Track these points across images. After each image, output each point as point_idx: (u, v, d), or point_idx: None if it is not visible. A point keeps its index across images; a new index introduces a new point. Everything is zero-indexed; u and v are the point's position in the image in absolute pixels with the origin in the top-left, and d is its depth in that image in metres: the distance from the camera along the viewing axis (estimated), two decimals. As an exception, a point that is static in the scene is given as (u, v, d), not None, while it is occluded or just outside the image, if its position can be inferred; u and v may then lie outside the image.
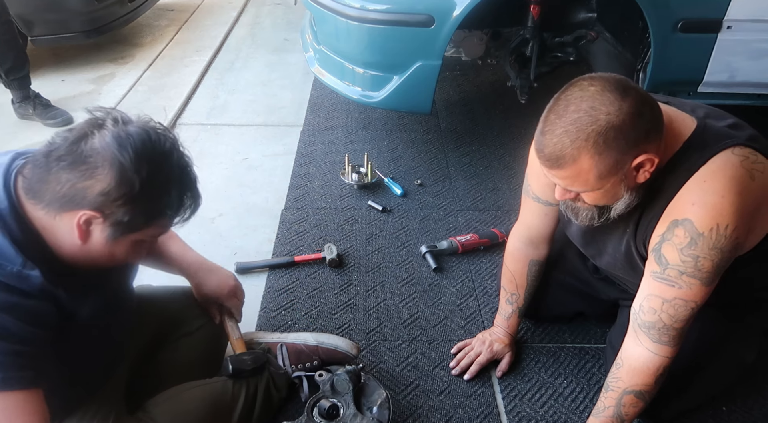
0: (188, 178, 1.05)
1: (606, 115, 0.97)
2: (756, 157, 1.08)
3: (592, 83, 1.01)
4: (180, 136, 1.07)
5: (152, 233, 1.04)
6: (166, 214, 1.01)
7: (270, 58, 3.79)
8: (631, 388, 1.19)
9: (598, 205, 1.15)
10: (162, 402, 1.27)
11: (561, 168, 1.03)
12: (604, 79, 1.01)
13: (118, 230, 0.96)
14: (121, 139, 0.92)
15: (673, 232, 1.07)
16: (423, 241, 2.11)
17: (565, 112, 1.00)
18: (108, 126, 0.94)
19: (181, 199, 1.02)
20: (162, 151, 0.97)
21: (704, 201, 1.04)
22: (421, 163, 2.60)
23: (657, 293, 1.12)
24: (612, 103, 0.97)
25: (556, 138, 1.00)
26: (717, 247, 1.04)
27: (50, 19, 3.31)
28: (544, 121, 1.04)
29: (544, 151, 1.03)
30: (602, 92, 0.98)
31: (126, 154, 0.91)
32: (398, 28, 2.16)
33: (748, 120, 1.19)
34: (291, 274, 1.96)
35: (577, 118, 0.98)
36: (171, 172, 0.99)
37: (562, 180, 1.08)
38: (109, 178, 0.91)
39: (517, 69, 2.54)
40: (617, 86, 0.99)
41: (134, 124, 0.97)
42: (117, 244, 0.99)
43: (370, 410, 1.38)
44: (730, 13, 2.04)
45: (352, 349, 1.54)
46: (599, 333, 1.74)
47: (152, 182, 0.94)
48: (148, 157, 0.94)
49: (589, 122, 0.97)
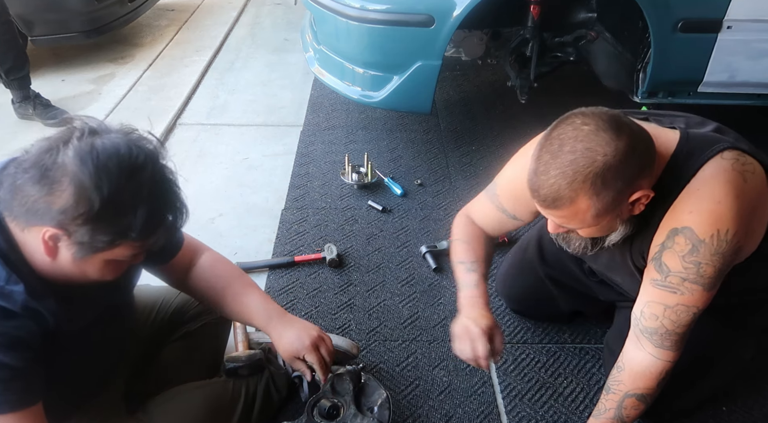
0: (164, 195, 0.96)
1: (603, 156, 0.96)
2: (745, 158, 1.08)
3: (585, 122, 0.99)
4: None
5: (124, 253, 0.96)
6: (129, 236, 0.91)
7: (270, 58, 3.79)
8: (633, 391, 1.19)
9: (589, 237, 1.16)
10: (162, 402, 1.27)
11: (557, 209, 1.03)
12: (597, 117, 0.99)
13: (82, 249, 0.90)
14: (84, 153, 0.86)
15: (674, 240, 1.07)
16: (423, 241, 2.11)
17: (560, 153, 0.98)
18: (74, 139, 0.88)
19: (151, 218, 0.92)
20: (132, 166, 0.89)
21: (702, 208, 1.04)
22: (421, 163, 2.60)
23: (658, 300, 1.12)
24: (608, 144, 0.96)
25: (552, 179, 0.99)
26: (719, 252, 1.04)
27: (50, 19, 3.31)
28: (537, 161, 1.02)
29: (540, 192, 1.02)
30: (597, 132, 0.97)
31: (86, 171, 0.85)
32: (398, 28, 2.16)
33: (748, 120, 1.19)
34: (291, 274, 1.96)
35: (573, 159, 0.97)
36: (139, 189, 0.90)
37: (557, 219, 1.08)
38: (68, 196, 0.85)
39: (517, 69, 2.54)
40: (611, 125, 0.98)
41: (108, 136, 0.90)
42: (86, 262, 0.93)
43: (370, 410, 1.38)
44: (730, 13, 2.04)
45: (352, 349, 1.54)
46: (599, 333, 1.74)
47: (114, 201, 0.87)
48: (112, 173, 0.87)
49: (586, 164, 0.96)
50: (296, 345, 1.27)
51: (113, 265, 0.98)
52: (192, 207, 1.02)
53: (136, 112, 3.01)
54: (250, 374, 1.39)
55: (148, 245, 0.98)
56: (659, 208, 1.10)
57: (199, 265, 1.32)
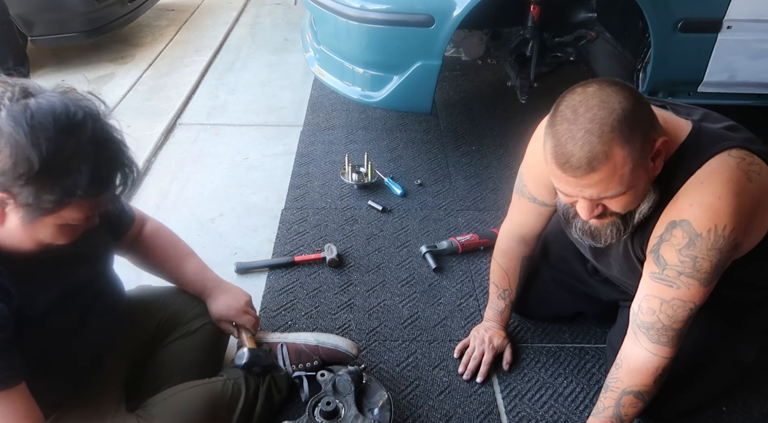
0: (109, 153, 0.93)
1: (619, 103, 0.97)
2: (752, 158, 1.08)
3: (586, 85, 1.02)
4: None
5: (74, 216, 0.94)
6: (76, 194, 0.89)
7: (270, 58, 3.79)
8: (630, 388, 1.19)
9: (624, 211, 1.10)
10: (162, 401, 1.27)
11: (594, 170, 0.98)
12: (594, 80, 1.03)
13: (30, 212, 0.89)
14: (17, 114, 0.84)
15: (672, 233, 1.07)
16: (423, 241, 2.11)
17: (576, 117, 0.98)
18: (5, 100, 0.86)
19: (97, 175, 0.91)
20: (70, 124, 0.88)
21: (702, 202, 1.04)
22: (421, 163, 2.60)
23: (655, 294, 1.12)
24: (618, 93, 0.99)
25: (581, 141, 0.96)
26: (715, 247, 1.05)
27: (50, 19, 3.31)
28: (556, 135, 1.00)
29: (572, 160, 0.97)
30: (602, 88, 1.00)
31: (20, 130, 0.83)
32: (398, 28, 2.16)
33: (748, 120, 1.19)
34: (291, 274, 1.96)
35: (593, 116, 0.97)
36: (80, 146, 0.88)
37: (596, 186, 1.01)
38: (4, 156, 0.84)
39: (517, 69, 2.54)
40: (610, 82, 1.01)
41: (43, 95, 0.88)
42: (36, 227, 0.92)
43: (371, 411, 1.38)
44: (730, 13, 2.04)
45: (352, 349, 1.54)
46: (599, 333, 1.74)
47: (55, 159, 0.86)
48: (48, 131, 0.85)
49: (608, 114, 0.96)
50: (225, 310, 1.44)
51: (67, 229, 0.97)
52: (192, 207, 1.01)
53: (136, 112, 3.01)
54: (261, 371, 1.41)
55: (100, 206, 0.97)
56: (662, 196, 1.10)
57: (143, 234, 1.37)
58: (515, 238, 1.54)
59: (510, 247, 1.56)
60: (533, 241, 1.55)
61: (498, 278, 1.59)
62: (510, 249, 1.56)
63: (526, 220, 1.48)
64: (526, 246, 1.55)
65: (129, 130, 0.97)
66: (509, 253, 1.56)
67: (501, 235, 1.58)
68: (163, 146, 2.76)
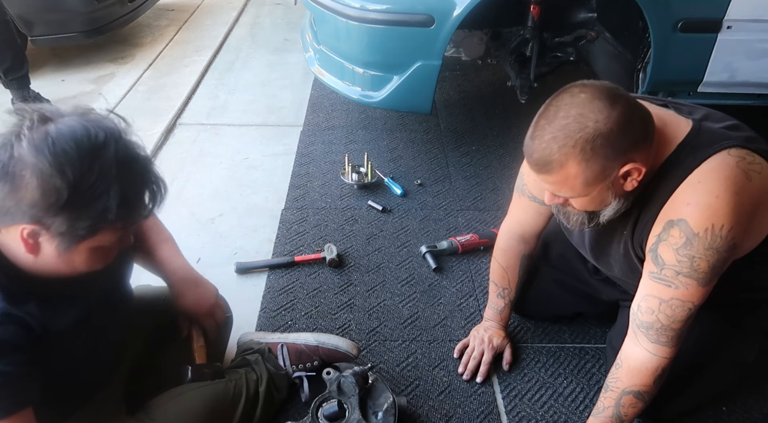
0: (135, 171, 0.92)
1: (594, 122, 0.98)
2: (753, 158, 1.07)
3: (583, 90, 1.01)
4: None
5: (108, 239, 0.93)
6: (108, 218, 0.88)
7: (270, 58, 3.79)
8: (630, 388, 1.19)
9: (586, 210, 1.17)
10: (163, 403, 1.26)
11: (548, 173, 1.05)
12: (595, 87, 1.02)
13: (65, 240, 0.88)
14: (38, 142, 0.83)
15: (669, 233, 1.07)
16: (423, 241, 2.11)
17: (554, 118, 1.01)
18: (25, 130, 0.84)
19: (127, 196, 0.89)
20: (92, 147, 0.86)
21: (699, 201, 1.04)
22: (421, 163, 2.60)
23: (654, 293, 1.12)
24: (601, 111, 0.98)
25: (545, 143, 1.02)
26: (713, 247, 1.04)
27: (50, 19, 3.31)
28: (534, 126, 1.06)
29: (533, 156, 1.05)
30: (592, 100, 0.99)
31: (44, 159, 0.82)
32: (398, 28, 2.16)
33: (748, 120, 1.19)
34: (291, 274, 1.96)
35: (565, 124, 0.99)
36: (106, 168, 0.86)
37: (549, 185, 1.11)
38: (33, 188, 0.83)
39: (517, 69, 2.54)
40: (608, 94, 1.00)
41: (62, 120, 0.87)
42: (72, 253, 0.91)
43: (375, 415, 1.36)
44: (730, 13, 2.04)
45: (352, 349, 1.54)
46: (599, 333, 1.74)
47: (83, 184, 0.84)
48: (72, 157, 0.83)
49: (577, 129, 0.98)
50: (193, 308, 1.36)
51: (101, 252, 0.96)
52: (192, 207, 1.00)
53: (136, 112, 3.01)
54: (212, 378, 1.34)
55: (132, 225, 0.96)
56: (659, 196, 1.10)
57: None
58: (515, 236, 1.54)
59: (509, 245, 1.56)
60: (533, 240, 1.55)
61: (497, 277, 1.60)
62: (509, 247, 1.56)
63: (526, 219, 1.49)
64: (525, 244, 1.55)
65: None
66: (509, 251, 1.57)
67: (501, 233, 1.58)
68: (163, 146, 2.76)
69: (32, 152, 0.83)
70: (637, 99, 1.16)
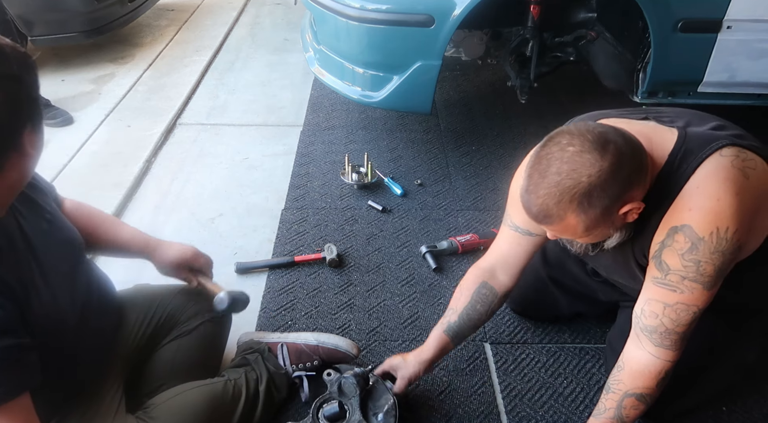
0: None
1: (587, 177, 0.97)
2: (745, 154, 1.07)
3: (571, 142, 0.99)
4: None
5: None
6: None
7: (270, 58, 3.79)
8: (632, 390, 1.19)
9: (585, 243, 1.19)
10: (162, 402, 1.27)
11: (549, 224, 1.06)
12: (583, 137, 0.99)
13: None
14: None
15: (673, 238, 1.07)
16: (423, 241, 2.11)
17: (547, 173, 1.00)
18: None
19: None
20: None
21: (701, 206, 1.04)
22: (421, 163, 2.60)
23: (658, 298, 1.12)
24: (592, 165, 0.97)
25: (541, 199, 1.02)
26: (719, 250, 1.04)
27: (50, 19, 3.31)
28: (527, 179, 1.05)
29: (532, 210, 1.05)
30: (581, 153, 0.98)
31: None
32: (398, 28, 2.16)
33: (748, 120, 1.18)
34: (291, 274, 1.96)
35: (558, 181, 0.99)
36: None
37: (551, 232, 1.13)
38: None
39: (517, 69, 2.54)
40: (596, 145, 0.98)
41: None
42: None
43: (375, 416, 1.37)
44: (730, 13, 2.04)
45: (352, 349, 1.54)
46: (599, 333, 1.74)
47: None
48: None
49: (572, 185, 0.98)
50: (182, 256, 1.44)
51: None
52: (192, 207, 1.01)
53: (136, 112, 3.01)
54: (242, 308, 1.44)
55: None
56: (658, 209, 1.09)
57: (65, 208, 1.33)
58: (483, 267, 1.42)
59: (473, 273, 1.43)
60: (503, 274, 1.40)
61: (451, 299, 1.44)
62: (471, 273, 1.43)
63: (501, 248, 1.40)
64: (490, 275, 1.40)
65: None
66: (469, 276, 1.43)
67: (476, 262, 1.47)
68: (163, 146, 2.76)
69: None
70: (618, 119, 1.17)
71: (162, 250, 1.44)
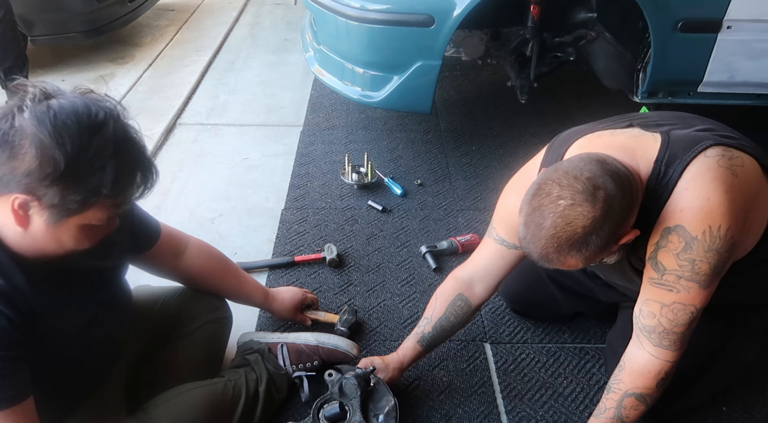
0: (131, 152, 0.94)
1: (582, 228, 0.98)
2: (731, 153, 1.07)
3: (561, 195, 0.99)
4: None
5: (98, 216, 0.95)
6: (102, 193, 0.90)
7: (270, 58, 3.79)
8: (632, 390, 1.19)
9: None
10: (162, 402, 1.27)
11: (550, 264, 1.07)
12: (572, 189, 0.99)
13: (55, 213, 0.89)
14: (40, 114, 0.85)
15: (667, 239, 1.07)
16: (423, 241, 2.11)
17: (542, 225, 1.01)
18: (28, 102, 0.87)
19: (120, 174, 0.91)
20: (92, 123, 0.88)
21: (691, 205, 1.04)
22: (421, 163, 2.60)
23: (655, 298, 1.12)
24: (585, 217, 0.98)
25: (541, 248, 1.03)
26: (713, 248, 1.04)
27: (50, 19, 3.32)
28: (524, 228, 1.04)
29: (533, 256, 1.06)
30: (573, 207, 0.98)
31: (45, 130, 0.84)
32: (398, 28, 2.16)
33: (748, 120, 1.18)
34: (291, 274, 1.96)
35: (554, 234, 1.00)
36: (104, 145, 0.89)
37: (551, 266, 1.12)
38: (30, 157, 0.84)
39: (517, 69, 2.54)
40: (586, 195, 0.98)
41: (63, 96, 0.90)
42: (60, 229, 0.92)
43: (376, 417, 1.37)
44: (730, 13, 2.04)
45: (352, 349, 1.54)
46: (599, 333, 1.74)
47: (80, 158, 0.86)
48: (72, 131, 0.86)
49: (568, 236, 0.99)
50: (294, 297, 1.67)
51: (89, 230, 0.97)
52: (192, 207, 1.01)
53: (136, 112, 3.00)
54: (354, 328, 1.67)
55: (122, 205, 0.97)
56: (650, 216, 1.09)
57: (190, 251, 1.39)
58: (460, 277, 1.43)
59: (449, 284, 1.45)
60: (480, 286, 1.40)
61: (427, 308, 1.47)
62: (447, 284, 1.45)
63: (482, 260, 1.41)
64: (467, 286, 1.41)
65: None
66: (445, 286, 1.45)
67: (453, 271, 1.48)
68: (163, 146, 2.76)
69: (33, 123, 0.85)
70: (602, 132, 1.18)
71: (279, 300, 1.64)
